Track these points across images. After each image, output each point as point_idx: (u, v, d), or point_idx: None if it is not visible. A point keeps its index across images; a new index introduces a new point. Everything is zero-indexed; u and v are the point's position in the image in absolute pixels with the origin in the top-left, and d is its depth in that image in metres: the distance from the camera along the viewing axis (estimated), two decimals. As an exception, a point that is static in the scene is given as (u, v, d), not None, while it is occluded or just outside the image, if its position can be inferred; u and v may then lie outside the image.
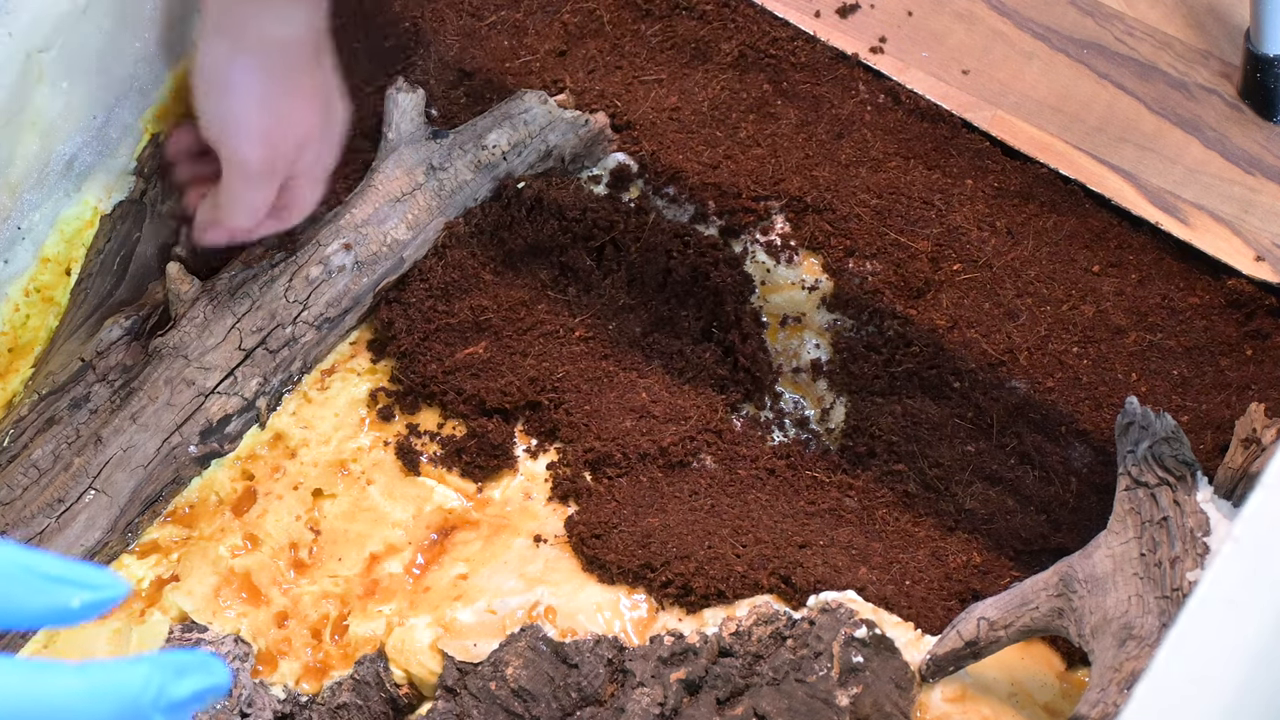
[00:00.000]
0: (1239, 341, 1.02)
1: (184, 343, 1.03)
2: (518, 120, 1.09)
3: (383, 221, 1.06)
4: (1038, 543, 0.97)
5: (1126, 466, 0.91)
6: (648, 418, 1.02)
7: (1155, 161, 1.08)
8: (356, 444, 1.04)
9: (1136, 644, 0.84)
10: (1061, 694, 0.92)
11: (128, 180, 1.11)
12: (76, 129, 1.08)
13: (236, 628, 0.99)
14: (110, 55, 1.09)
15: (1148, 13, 1.13)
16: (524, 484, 1.02)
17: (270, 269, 1.05)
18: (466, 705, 0.93)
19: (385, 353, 1.07)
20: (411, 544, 1.01)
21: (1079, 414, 1.00)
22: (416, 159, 1.08)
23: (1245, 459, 0.90)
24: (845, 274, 1.05)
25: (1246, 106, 1.09)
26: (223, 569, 1.01)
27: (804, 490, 1.00)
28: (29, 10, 1.03)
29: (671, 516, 0.98)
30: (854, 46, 1.13)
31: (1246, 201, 1.06)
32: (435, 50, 1.16)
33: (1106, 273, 1.05)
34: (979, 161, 1.09)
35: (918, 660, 0.92)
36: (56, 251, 1.10)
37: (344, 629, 0.99)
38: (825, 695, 0.88)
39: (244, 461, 1.04)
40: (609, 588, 0.97)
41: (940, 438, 1.00)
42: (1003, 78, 1.12)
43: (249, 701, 0.96)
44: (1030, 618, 0.89)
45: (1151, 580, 0.86)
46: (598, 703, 0.92)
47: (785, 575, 0.95)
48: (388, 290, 1.07)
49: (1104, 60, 1.12)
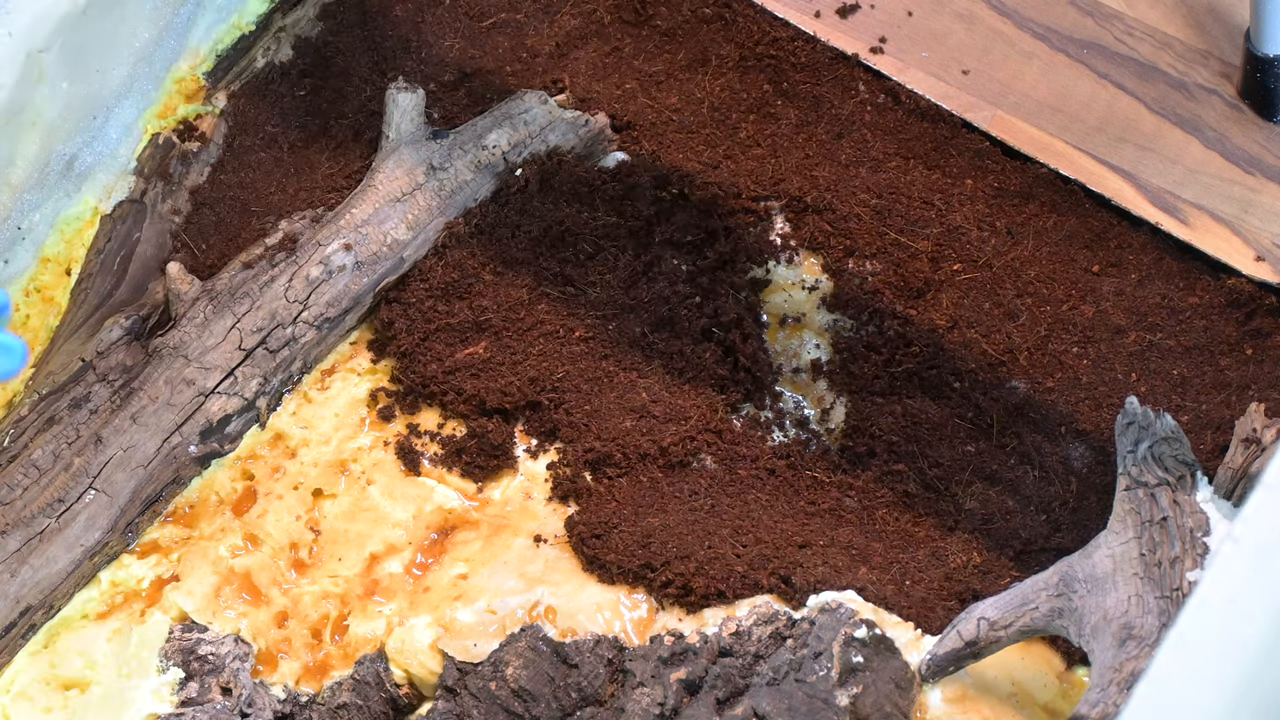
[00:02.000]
0: (1239, 341, 1.02)
1: (184, 343, 1.03)
2: (518, 120, 1.09)
3: (383, 221, 1.06)
4: (1038, 543, 0.97)
5: (1126, 466, 0.91)
6: (648, 418, 1.02)
7: (1155, 161, 1.08)
8: (356, 444, 1.04)
9: (1136, 644, 0.84)
10: (1061, 694, 0.92)
11: (128, 180, 1.11)
12: (76, 129, 1.08)
13: (236, 628, 0.99)
14: (110, 55, 1.09)
15: (1148, 13, 1.13)
16: (524, 484, 1.02)
17: (270, 269, 1.05)
18: (466, 705, 0.93)
19: (385, 353, 1.07)
20: (411, 544, 1.01)
21: (1079, 414, 1.00)
22: (417, 159, 1.08)
23: (1245, 459, 0.90)
24: (845, 274, 1.05)
25: (1246, 106, 1.09)
26: (223, 569, 1.01)
27: (804, 490, 1.00)
28: (29, 10, 1.03)
29: (671, 516, 0.98)
30: (854, 47, 1.13)
31: (1246, 201, 1.06)
32: (435, 51, 1.16)
33: (1106, 273, 1.05)
34: (979, 161, 1.09)
35: (918, 660, 0.92)
36: (56, 251, 1.10)
37: (344, 629, 0.99)
38: (825, 695, 0.88)
39: (244, 461, 1.04)
40: (609, 588, 0.97)
41: (940, 438, 1.00)
42: (1003, 78, 1.12)
43: (249, 701, 0.96)
44: (1030, 618, 0.89)
45: (1151, 580, 0.86)
46: (598, 703, 0.92)
47: (785, 575, 0.95)
48: (388, 290, 1.07)
49: (1104, 60, 1.12)
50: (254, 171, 1.13)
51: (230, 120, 1.14)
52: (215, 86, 1.15)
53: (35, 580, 0.99)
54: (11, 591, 0.98)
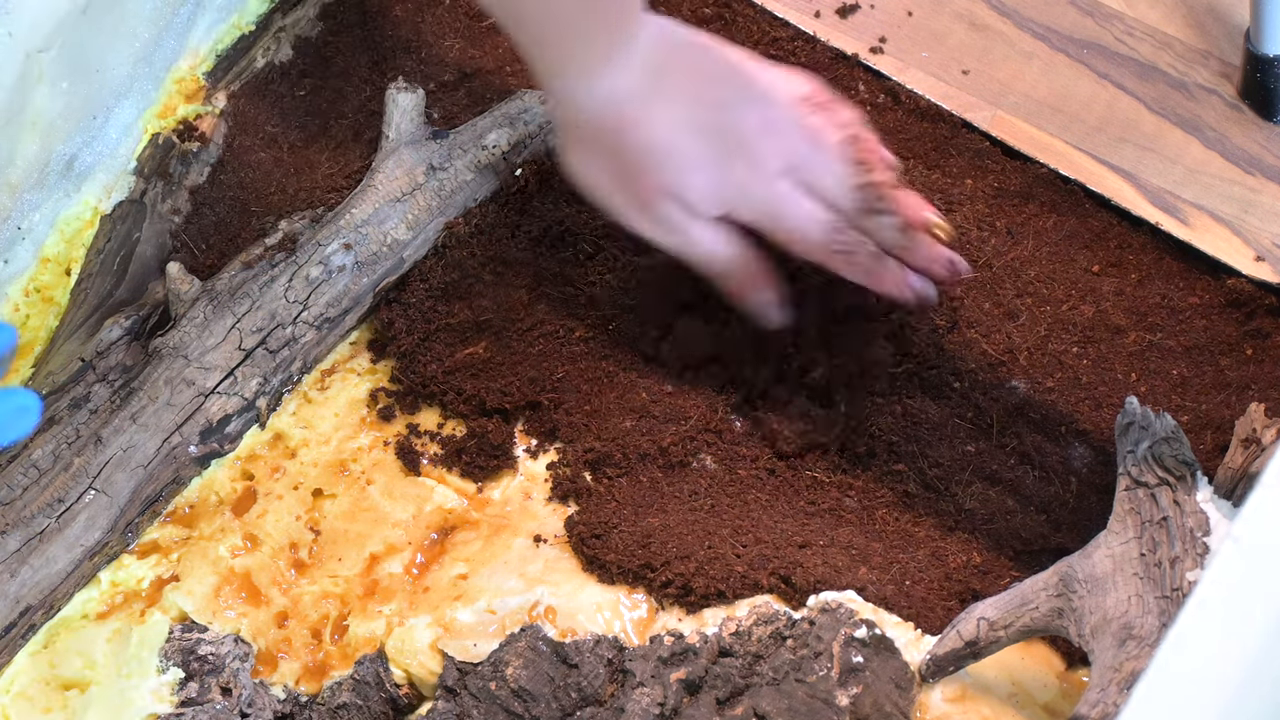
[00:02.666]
0: (1239, 341, 1.02)
1: (184, 343, 1.03)
2: (518, 120, 1.09)
3: (383, 221, 1.06)
4: (1038, 543, 0.97)
5: (1126, 466, 0.91)
6: (648, 418, 1.02)
7: (1155, 161, 1.08)
8: (356, 444, 1.04)
9: (1136, 644, 0.84)
10: (1061, 694, 0.92)
11: (128, 180, 1.11)
12: (76, 129, 1.08)
13: (236, 628, 0.99)
14: (110, 55, 1.09)
15: (1148, 13, 1.13)
16: (524, 484, 1.02)
17: (270, 269, 1.05)
18: (466, 705, 0.93)
19: (385, 353, 1.07)
20: (411, 544, 1.01)
21: (1079, 414, 1.00)
22: (417, 159, 1.08)
23: (1245, 459, 0.90)
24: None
25: (1246, 106, 1.09)
26: (223, 569, 1.01)
27: (804, 490, 1.00)
28: (29, 10, 1.03)
29: (671, 516, 0.98)
30: (854, 46, 1.13)
31: (1246, 201, 1.06)
32: (435, 51, 1.16)
33: (1106, 273, 1.05)
34: (979, 161, 1.09)
35: (918, 660, 0.92)
36: (56, 251, 1.10)
37: (344, 629, 0.99)
38: (825, 695, 0.88)
39: (244, 461, 1.04)
40: (609, 588, 0.97)
41: (940, 438, 1.00)
42: (1003, 78, 1.12)
43: (249, 701, 0.96)
44: (1030, 618, 0.89)
45: (1151, 580, 0.86)
46: (598, 703, 0.92)
47: (785, 575, 0.95)
48: (388, 290, 1.07)
49: (1104, 60, 1.12)
50: (254, 171, 1.13)
51: (230, 120, 1.14)
52: (215, 86, 1.15)
53: (35, 580, 0.99)
54: (11, 591, 0.98)
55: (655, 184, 0.94)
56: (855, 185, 0.95)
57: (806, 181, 0.95)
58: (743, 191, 0.95)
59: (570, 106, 0.94)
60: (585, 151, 0.96)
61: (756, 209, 0.95)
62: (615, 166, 0.95)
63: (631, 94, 0.93)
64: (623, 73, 0.92)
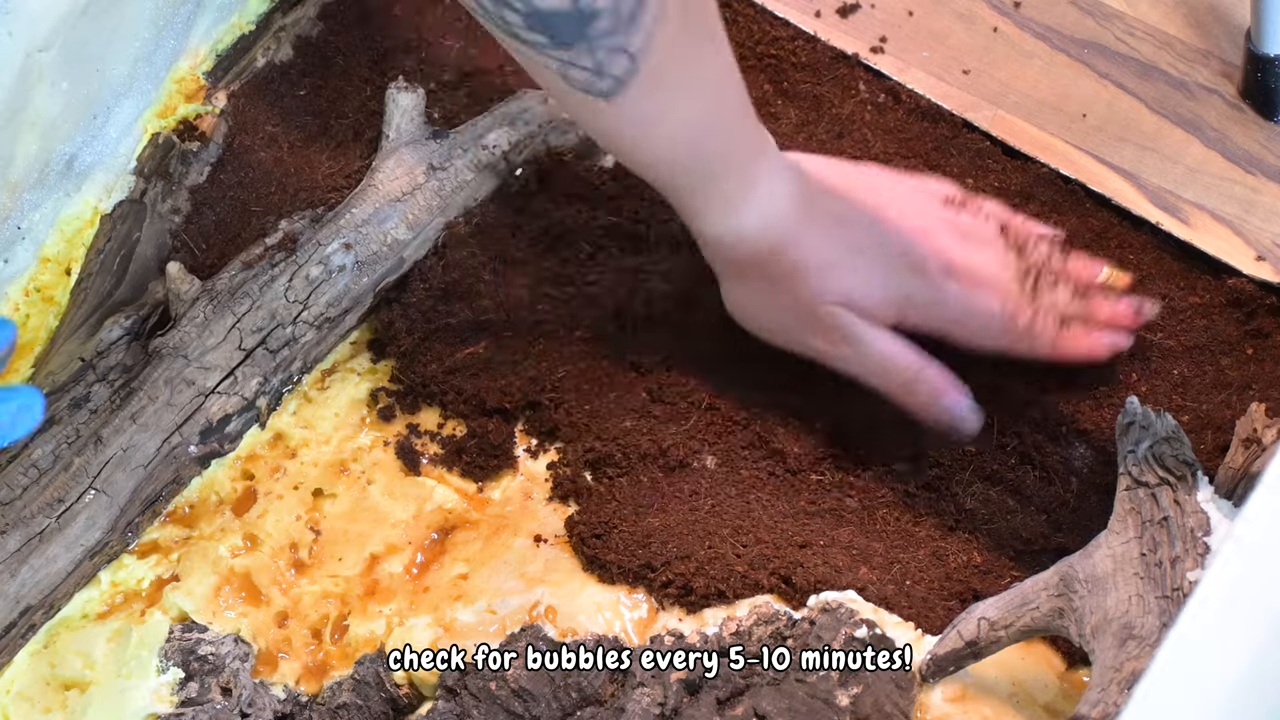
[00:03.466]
0: (1239, 341, 1.02)
1: (184, 343, 1.03)
2: (518, 120, 1.09)
3: (383, 221, 1.06)
4: (1038, 543, 0.97)
5: (1127, 466, 0.91)
6: (648, 418, 1.02)
7: (1156, 161, 1.08)
8: (356, 444, 1.04)
9: (1137, 644, 0.84)
10: (1062, 694, 0.92)
11: (128, 180, 1.11)
12: (76, 128, 1.08)
13: (236, 628, 0.99)
14: (110, 55, 1.09)
15: (1148, 13, 1.13)
16: (524, 484, 1.02)
17: (270, 269, 1.05)
18: (466, 705, 0.93)
19: (385, 353, 1.07)
20: (411, 544, 1.01)
21: (1079, 414, 1.00)
22: (417, 159, 1.08)
23: (1246, 459, 0.89)
24: (845, 274, 1.05)
25: (1247, 106, 1.09)
26: (223, 569, 1.01)
27: (805, 490, 1.00)
28: (29, 10, 1.03)
29: (672, 516, 0.98)
30: (854, 46, 1.13)
31: (1247, 201, 1.06)
32: (435, 51, 1.16)
33: (1107, 272, 1.05)
34: (979, 161, 1.09)
35: (918, 660, 0.92)
36: (56, 251, 1.10)
37: (344, 629, 0.99)
38: (825, 695, 0.88)
39: (244, 461, 1.04)
40: (609, 588, 0.97)
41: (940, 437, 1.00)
42: (1003, 78, 1.12)
43: (249, 701, 0.96)
44: (1031, 618, 0.89)
45: (1152, 580, 0.86)
46: (598, 703, 0.92)
47: (785, 575, 0.95)
48: (388, 290, 1.07)
49: (1104, 60, 1.12)
50: (254, 171, 1.13)
51: (230, 120, 1.14)
52: (215, 86, 1.15)
53: (35, 580, 0.99)
54: (11, 591, 0.98)
55: (823, 294, 0.94)
56: (1022, 270, 0.96)
57: (974, 277, 0.96)
58: (912, 298, 0.95)
59: (721, 246, 0.95)
60: (745, 283, 0.96)
61: (930, 313, 0.95)
62: (778, 290, 0.95)
63: (782, 219, 0.93)
64: (769, 202, 0.93)
